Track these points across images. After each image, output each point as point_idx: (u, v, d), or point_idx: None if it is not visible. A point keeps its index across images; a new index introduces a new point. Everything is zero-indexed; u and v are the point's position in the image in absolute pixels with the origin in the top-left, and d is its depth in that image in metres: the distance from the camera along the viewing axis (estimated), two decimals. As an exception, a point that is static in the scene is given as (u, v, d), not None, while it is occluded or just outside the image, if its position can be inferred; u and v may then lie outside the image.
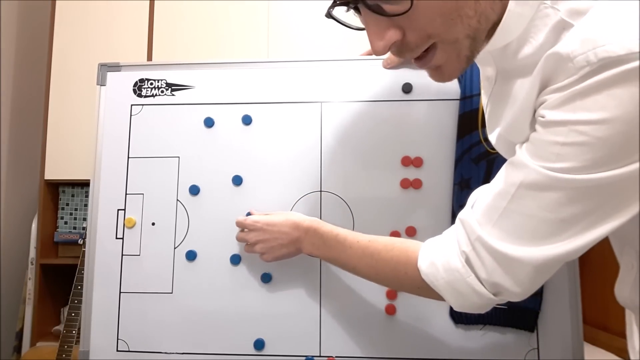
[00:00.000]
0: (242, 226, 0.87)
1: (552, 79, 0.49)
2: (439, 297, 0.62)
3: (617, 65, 0.43)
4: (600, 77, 0.44)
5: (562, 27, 0.49)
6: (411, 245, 0.66)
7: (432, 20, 0.51)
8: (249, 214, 0.90)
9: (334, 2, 0.54)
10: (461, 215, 0.59)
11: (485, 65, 0.65)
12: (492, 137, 0.65)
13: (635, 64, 0.42)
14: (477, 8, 0.51)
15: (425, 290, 0.62)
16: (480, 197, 0.58)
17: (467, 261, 0.57)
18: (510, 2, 0.52)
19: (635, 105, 0.43)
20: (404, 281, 0.66)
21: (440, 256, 0.59)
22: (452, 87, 0.89)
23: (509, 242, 0.53)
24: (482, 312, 0.60)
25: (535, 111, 0.52)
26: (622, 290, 0.62)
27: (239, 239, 0.89)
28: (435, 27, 0.51)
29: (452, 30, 0.52)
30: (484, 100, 0.69)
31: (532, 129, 0.53)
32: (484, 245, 0.55)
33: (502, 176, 0.55)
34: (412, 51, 0.55)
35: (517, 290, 0.55)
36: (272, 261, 0.85)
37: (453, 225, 0.61)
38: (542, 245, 0.51)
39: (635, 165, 0.46)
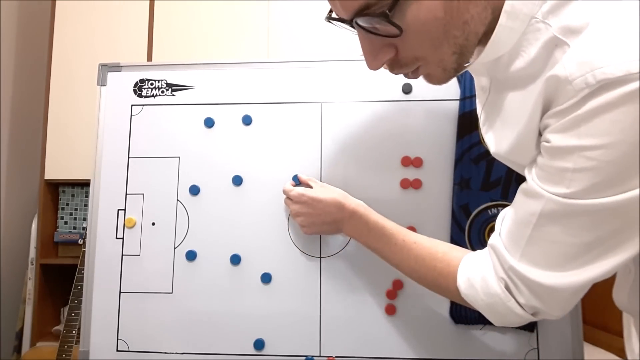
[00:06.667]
0: (287, 196, 0.87)
1: (553, 102, 0.49)
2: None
3: (616, 87, 0.43)
4: (601, 101, 0.44)
5: (554, 44, 0.49)
6: (453, 257, 0.67)
7: (422, 43, 0.53)
8: (295, 177, 0.90)
9: (329, 14, 0.56)
10: (491, 241, 0.61)
11: (480, 75, 0.65)
12: (490, 146, 0.65)
13: (634, 85, 0.42)
14: (465, 28, 0.52)
15: (464, 302, 0.65)
16: (505, 223, 0.59)
17: (507, 287, 0.58)
18: (501, 16, 0.52)
19: (637, 126, 0.43)
20: (445, 292, 0.69)
21: (478, 279, 0.61)
22: (452, 88, 0.89)
23: (539, 270, 0.54)
24: (520, 325, 0.62)
25: (540, 133, 0.53)
26: (620, 295, 0.62)
27: (286, 203, 0.90)
28: (423, 49, 0.54)
29: (438, 51, 0.54)
30: (478, 108, 0.70)
31: (538, 149, 0.53)
32: (517, 274, 0.56)
33: (520, 204, 0.56)
34: (402, 68, 0.57)
35: (554, 313, 0.57)
36: (311, 234, 0.87)
37: (486, 248, 0.63)
38: (572, 270, 0.52)
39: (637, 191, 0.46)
